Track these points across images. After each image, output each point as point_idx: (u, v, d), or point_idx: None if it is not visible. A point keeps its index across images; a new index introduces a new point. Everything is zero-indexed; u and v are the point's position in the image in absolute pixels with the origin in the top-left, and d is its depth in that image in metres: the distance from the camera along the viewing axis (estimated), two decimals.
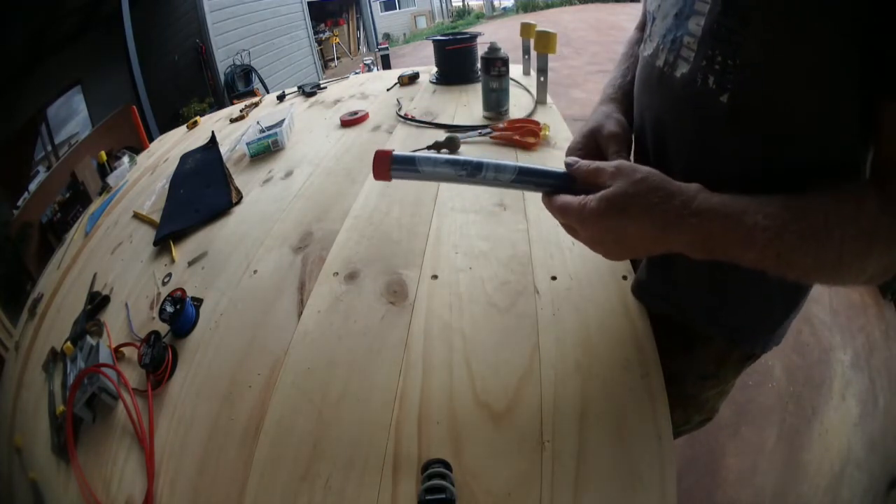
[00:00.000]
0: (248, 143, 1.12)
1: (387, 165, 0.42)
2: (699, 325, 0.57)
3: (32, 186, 1.68)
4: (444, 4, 10.09)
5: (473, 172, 0.42)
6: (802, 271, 0.35)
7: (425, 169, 0.42)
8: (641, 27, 0.59)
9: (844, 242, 0.33)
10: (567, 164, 0.42)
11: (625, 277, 0.59)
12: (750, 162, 0.41)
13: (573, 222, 0.39)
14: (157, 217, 0.95)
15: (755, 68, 0.37)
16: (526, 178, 0.42)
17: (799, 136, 0.38)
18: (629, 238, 0.36)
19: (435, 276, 0.64)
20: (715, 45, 0.39)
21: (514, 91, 1.20)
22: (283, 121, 1.23)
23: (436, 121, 1.12)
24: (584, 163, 0.41)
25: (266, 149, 1.12)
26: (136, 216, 1.01)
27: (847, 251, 0.33)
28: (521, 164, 0.43)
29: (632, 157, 0.51)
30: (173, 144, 1.47)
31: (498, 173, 0.42)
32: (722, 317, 0.55)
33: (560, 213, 0.40)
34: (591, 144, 0.49)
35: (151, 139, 1.67)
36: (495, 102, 1.10)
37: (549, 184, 0.42)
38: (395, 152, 0.42)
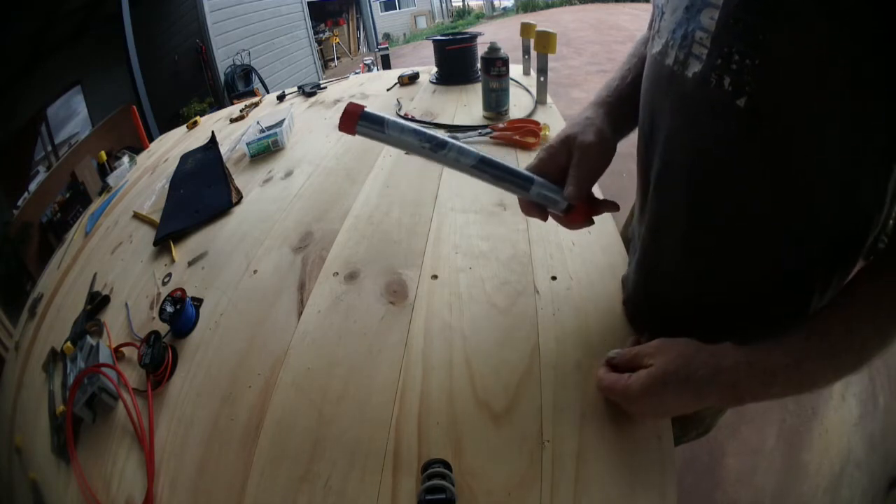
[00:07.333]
0: (248, 143, 1.12)
1: (354, 120, 0.42)
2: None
3: (32, 186, 1.67)
4: (444, 4, 10.07)
5: (436, 148, 0.43)
6: (823, 384, 0.36)
7: (392, 133, 0.43)
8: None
9: (864, 346, 0.33)
10: (610, 358, 0.45)
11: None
12: (765, 180, 0.37)
13: (618, 399, 0.43)
14: (157, 217, 0.95)
15: (776, 70, 0.31)
16: (486, 168, 0.44)
17: (821, 161, 0.34)
18: (669, 408, 0.40)
19: (435, 276, 0.63)
20: (731, 42, 0.33)
21: (514, 91, 1.20)
22: (283, 121, 1.23)
23: (436, 121, 1.13)
24: (623, 352, 0.44)
25: (266, 149, 1.12)
26: (136, 216, 1.01)
27: (866, 353, 0.34)
28: (484, 154, 0.44)
29: (637, 159, 0.50)
30: (173, 144, 1.47)
31: (460, 155, 0.43)
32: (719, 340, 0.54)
33: (604, 390, 0.44)
34: (562, 150, 0.48)
35: (151, 139, 1.67)
36: (495, 102, 1.10)
37: (508, 179, 0.45)
38: (366, 109, 0.43)
